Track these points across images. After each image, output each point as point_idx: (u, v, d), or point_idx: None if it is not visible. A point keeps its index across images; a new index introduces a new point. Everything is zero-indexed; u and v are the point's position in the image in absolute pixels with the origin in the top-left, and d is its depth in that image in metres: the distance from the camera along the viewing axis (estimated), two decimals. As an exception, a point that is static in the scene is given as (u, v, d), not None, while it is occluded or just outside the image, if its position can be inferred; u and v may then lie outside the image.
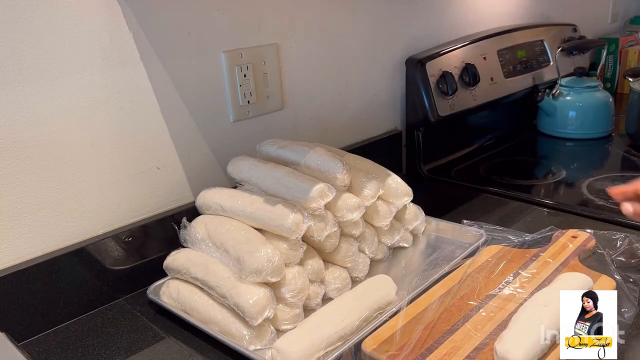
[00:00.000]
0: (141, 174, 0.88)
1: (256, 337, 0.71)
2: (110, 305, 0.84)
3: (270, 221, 0.76)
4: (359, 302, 0.74)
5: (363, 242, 0.86)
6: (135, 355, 0.73)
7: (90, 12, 0.78)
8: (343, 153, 0.97)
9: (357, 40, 1.17)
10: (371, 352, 0.67)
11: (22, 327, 0.76)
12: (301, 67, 1.07)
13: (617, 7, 2.14)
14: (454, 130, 1.36)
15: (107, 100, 0.82)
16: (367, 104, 1.23)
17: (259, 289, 0.71)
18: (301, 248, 0.77)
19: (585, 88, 1.46)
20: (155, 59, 0.86)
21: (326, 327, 0.69)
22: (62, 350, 0.75)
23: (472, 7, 1.45)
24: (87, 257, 0.82)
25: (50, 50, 0.75)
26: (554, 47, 1.55)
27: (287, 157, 0.88)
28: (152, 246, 0.89)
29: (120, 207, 0.86)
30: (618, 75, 1.85)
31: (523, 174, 1.29)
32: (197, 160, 0.95)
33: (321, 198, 0.77)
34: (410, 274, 0.87)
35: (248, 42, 0.97)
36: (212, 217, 0.83)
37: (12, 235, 0.76)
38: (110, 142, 0.84)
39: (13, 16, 0.71)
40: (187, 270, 0.78)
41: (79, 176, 0.81)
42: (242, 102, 0.97)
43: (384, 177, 0.90)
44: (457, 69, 1.28)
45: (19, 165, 0.75)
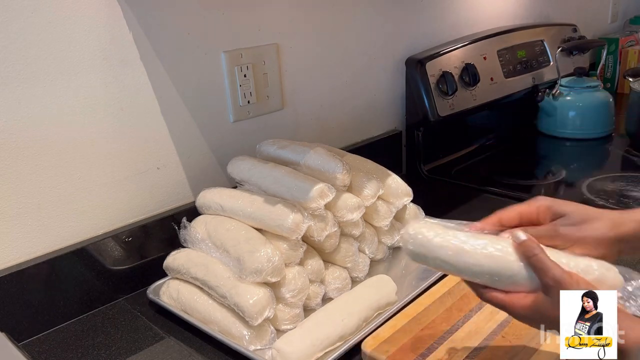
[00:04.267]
0: (141, 174, 0.88)
1: (256, 337, 0.71)
2: (110, 305, 0.84)
3: (270, 221, 0.76)
4: (359, 302, 0.74)
5: (363, 242, 0.86)
6: (135, 355, 0.73)
7: (90, 12, 0.78)
8: (343, 153, 0.97)
9: (357, 40, 1.16)
10: (371, 352, 0.67)
11: (22, 327, 0.76)
12: (301, 67, 1.07)
13: (617, 7, 2.14)
14: (454, 130, 1.36)
15: (107, 100, 0.82)
16: (367, 104, 1.23)
17: (259, 289, 0.71)
18: (301, 248, 0.77)
19: (585, 88, 1.46)
20: (155, 59, 0.86)
21: (326, 327, 0.70)
22: (62, 350, 0.75)
23: (472, 7, 1.45)
24: (87, 257, 0.82)
25: (50, 50, 0.75)
26: (554, 47, 1.54)
27: (287, 157, 0.88)
28: (152, 246, 0.89)
29: (120, 207, 0.86)
30: (618, 75, 1.85)
31: (523, 174, 1.29)
32: (197, 160, 0.95)
33: (321, 198, 0.77)
34: (410, 274, 0.87)
35: (248, 42, 0.97)
36: (212, 217, 0.83)
37: (12, 235, 0.76)
38: (110, 142, 0.84)
39: (13, 16, 0.71)
40: (187, 270, 0.78)
41: (78, 176, 0.81)
42: (242, 102, 0.98)
43: (384, 177, 0.90)
44: (457, 69, 1.28)
45: (19, 165, 0.75)
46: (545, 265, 0.52)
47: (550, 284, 0.51)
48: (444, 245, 0.56)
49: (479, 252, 0.55)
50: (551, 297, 0.52)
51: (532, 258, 0.52)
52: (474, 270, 0.55)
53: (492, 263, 0.54)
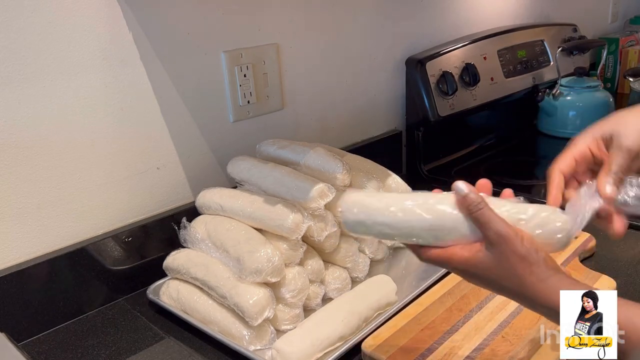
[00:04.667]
0: (141, 174, 0.88)
1: (256, 337, 0.71)
2: (110, 305, 0.84)
3: (270, 221, 0.76)
4: (359, 302, 0.74)
5: (363, 242, 0.86)
6: (135, 355, 0.73)
7: (90, 12, 0.78)
8: (343, 153, 0.97)
9: (357, 40, 1.16)
10: (371, 352, 0.67)
11: (22, 327, 0.76)
12: (301, 67, 1.07)
13: (617, 7, 2.14)
14: (454, 130, 1.36)
15: (107, 100, 0.82)
16: (367, 104, 1.23)
17: (259, 289, 0.71)
18: (301, 248, 0.76)
19: (585, 88, 1.46)
20: (155, 59, 0.86)
21: (326, 327, 0.70)
22: (62, 351, 0.75)
23: (472, 7, 1.45)
24: (87, 257, 0.82)
25: (50, 50, 0.75)
26: (554, 47, 1.54)
27: (287, 157, 0.88)
28: (152, 246, 0.89)
29: (120, 207, 0.86)
30: (618, 75, 1.85)
31: (523, 174, 1.29)
32: (197, 160, 0.95)
33: (321, 198, 0.77)
34: (410, 274, 0.87)
35: (248, 42, 0.97)
36: (212, 217, 0.83)
37: (12, 235, 0.76)
38: (110, 142, 0.84)
39: (13, 16, 0.71)
40: (187, 270, 0.78)
41: (78, 176, 0.81)
42: (242, 102, 0.97)
43: (384, 177, 0.90)
44: (457, 69, 1.27)
45: (19, 165, 0.75)
46: (489, 219, 0.50)
47: (493, 239, 0.50)
48: (383, 207, 0.54)
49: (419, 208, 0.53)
50: (492, 253, 0.50)
51: (476, 213, 0.50)
52: (414, 226, 0.53)
53: (433, 217, 0.52)
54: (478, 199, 0.51)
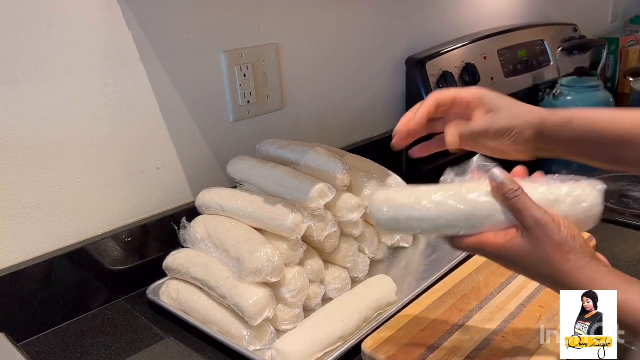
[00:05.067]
0: (141, 174, 0.88)
1: (256, 337, 0.71)
2: (110, 305, 0.84)
3: (270, 221, 0.76)
4: (359, 302, 0.74)
5: (363, 242, 0.86)
6: (135, 355, 0.73)
7: (90, 12, 0.78)
8: (343, 153, 0.97)
9: (357, 40, 1.16)
10: (371, 352, 0.67)
11: (22, 327, 0.76)
12: (301, 67, 1.07)
13: (617, 7, 2.13)
14: (454, 130, 1.36)
15: (107, 100, 0.82)
16: (367, 104, 1.23)
17: (259, 289, 0.71)
18: (301, 248, 0.76)
19: (586, 88, 1.46)
20: (155, 59, 0.86)
21: (326, 327, 0.69)
22: (62, 351, 0.75)
23: (472, 7, 1.45)
24: (87, 257, 0.82)
25: (50, 50, 0.75)
26: (554, 47, 1.54)
27: (287, 157, 0.88)
28: (152, 246, 0.89)
29: (120, 207, 0.86)
30: (619, 75, 1.85)
31: (523, 174, 1.29)
32: (197, 160, 0.95)
33: (321, 198, 0.77)
34: (410, 274, 0.87)
35: (248, 42, 0.97)
36: (212, 217, 0.83)
37: (12, 235, 0.76)
38: (110, 142, 0.84)
39: (13, 16, 0.71)
40: (187, 270, 0.78)
41: (78, 176, 0.81)
42: (242, 102, 0.97)
43: (384, 177, 0.90)
44: (457, 69, 1.27)
45: (19, 165, 0.75)
46: (526, 206, 0.50)
47: (531, 225, 0.49)
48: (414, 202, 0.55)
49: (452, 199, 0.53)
50: (528, 240, 0.50)
51: (512, 200, 0.50)
52: (449, 218, 0.53)
53: (466, 208, 0.53)
54: (515, 186, 0.51)
